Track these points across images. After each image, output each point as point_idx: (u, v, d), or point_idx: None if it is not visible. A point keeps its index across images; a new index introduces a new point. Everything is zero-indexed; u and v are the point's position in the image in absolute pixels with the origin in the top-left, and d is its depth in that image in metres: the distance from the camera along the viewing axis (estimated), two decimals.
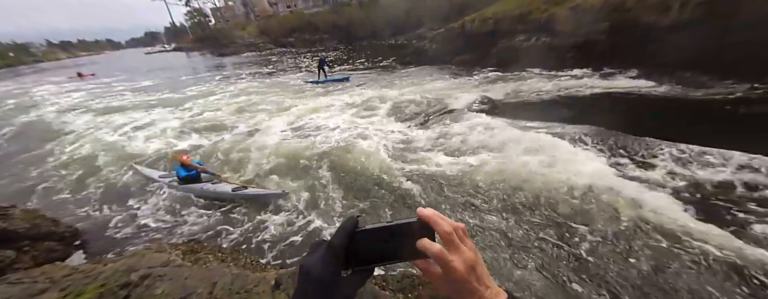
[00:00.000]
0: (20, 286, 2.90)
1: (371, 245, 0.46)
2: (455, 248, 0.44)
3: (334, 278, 0.44)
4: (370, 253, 0.47)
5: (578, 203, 4.16)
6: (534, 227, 3.93)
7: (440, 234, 0.45)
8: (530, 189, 4.56)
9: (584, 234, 3.72)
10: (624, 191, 4.21)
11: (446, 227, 0.44)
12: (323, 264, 0.44)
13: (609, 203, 4.08)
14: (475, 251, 0.46)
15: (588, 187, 4.40)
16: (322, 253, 0.45)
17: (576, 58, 10.86)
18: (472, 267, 0.44)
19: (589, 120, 6.43)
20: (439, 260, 0.44)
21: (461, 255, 0.44)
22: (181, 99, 14.01)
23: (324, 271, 0.44)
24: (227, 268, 3.26)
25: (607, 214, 3.93)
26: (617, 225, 3.74)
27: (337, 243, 0.45)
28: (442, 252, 0.43)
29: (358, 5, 39.69)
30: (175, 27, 71.41)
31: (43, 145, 9.19)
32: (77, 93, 19.34)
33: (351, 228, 0.46)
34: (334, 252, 0.44)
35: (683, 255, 3.28)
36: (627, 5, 9.81)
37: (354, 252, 0.46)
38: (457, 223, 0.46)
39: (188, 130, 9.13)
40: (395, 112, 8.92)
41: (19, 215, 4.18)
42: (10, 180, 6.97)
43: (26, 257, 3.83)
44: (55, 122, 11.97)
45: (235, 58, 33.19)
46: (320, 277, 0.43)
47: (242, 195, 4.98)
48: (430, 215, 0.45)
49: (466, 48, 14.34)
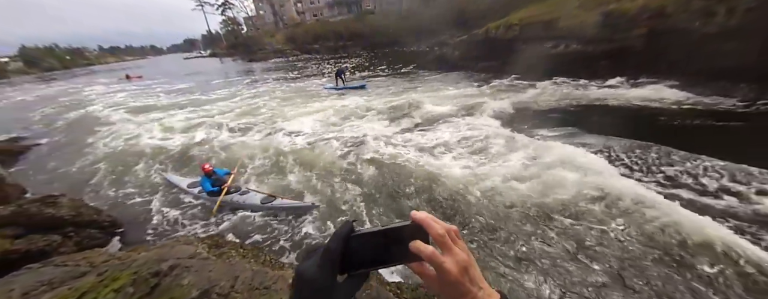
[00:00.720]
0: (64, 268, 3.15)
1: (366, 249, 0.47)
2: (448, 250, 0.45)
3: (330, 282, 0.44)
4: (366, 257, 0.47)
5: (615, 225, 3.88)
6: (554, 242, 3.74)
7: (433, 236, 0.45)
8: (557, 203, 4.35)
9: (614, 253, 3.48)
10: (662, 209, 3.91)
11: (439, 229, 0.45)
12: (319, 268, 0.44)
13: (647, 224, 3.79)
14: (468, 253, 0.46)
15: (621, 203, 4.13)
16: (318, 257, 0.45)
17: (609, 67, 10.35)
18: (465, 269, 0.44)
19: (621, 132, 6.10)
20: (432, 262, 0.44)
21: (454, 257, 0.44)
22: (209, 100, 14.88)
23: (320, 275, 0.44)
24: (248, 264, 3.36)
25: (643, 235, 3.66)
26: (656, 251, 3.48)
27: (333, 247, 0.45)
28: (434, 254, 0.44)
29: (382, 13, 40.42)
30: (211, 34, 76.18)
31: (89, 138, 10.05)
32: (121, 93, 21.04)
33: (346, 233, 0.46)
34: (329, 256, 0.45)
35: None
36: (667, 11, 9.27)
37: (349, 256, 0.46)
38: (449, 225, 0.47)
39: (216, 130, 9.61)
40: (412, 119, 8.88)
41: (67, 204, 4.57)
42: (60, 170, 7.65)
43: (70, 242, 4.17)
44: (100, 118, 13.07)
45: (263, 63, 34.72)
46: (316, 281, 0.44)
47: (272, 207, 4.88)
48: (423, 218, 0.46)
49: (490, 55, 14.12)
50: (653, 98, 8.14)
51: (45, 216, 4.24)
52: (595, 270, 3.31)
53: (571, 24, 11.60)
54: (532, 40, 12.73)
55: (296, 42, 43.03)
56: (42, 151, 9.59)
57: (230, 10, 56.56)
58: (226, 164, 6.68)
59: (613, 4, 10.80)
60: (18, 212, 4.22)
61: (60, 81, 38.82)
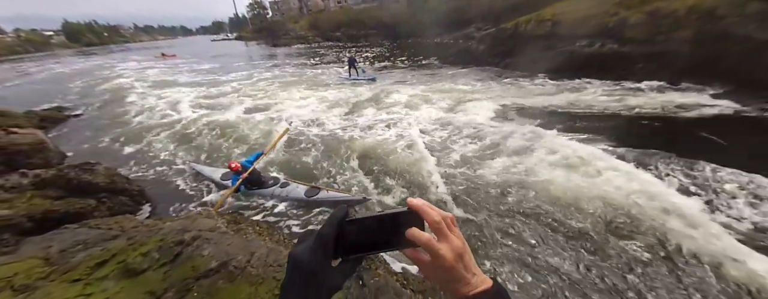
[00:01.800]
0: (98, 231, 3.40)
1: (361, 234, 0.47)
2: (444, 236, 0.45)
3: (323, 266, 0.44)
4: (360, 242, 0.47)
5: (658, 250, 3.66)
6: (579, 250, 3.63)
7: (429, 223, 0.46)
8: (586, 215, 4.17)
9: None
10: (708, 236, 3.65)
11: (435, 216, 0.45)
12: (312, 252, 0.44)
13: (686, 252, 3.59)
14: (462, 239, 0.46)
15: (667, 224, 3.85)
16: (311, 241, 0.45)
17: (647, 70, 9.71)
18: (459, 255, 0.45)
19: (661, 142, 5.67)
20: (427, 248, 0.45)
21: (449, 244, 0.45)
22: (233, 80, 15.30)
23: (312, 259, 0.44)
24: (263, 241, 3.50)
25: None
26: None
27: (327, 232, 0.45)
28: (430, 241, 0.44)
29: (407, 2, 39.51)
30: (238, 18, 77.71)
31: (123, 111, 10.66)
32: (153, 70, 22.03)
33: (341, 217, 0.46)
34: (322, 240, 0.45)
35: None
36: (718, 12, 8.52)
37: (344, 241, 0.46)
38: (445, 213, 0.47)
39: (241, 111, 9.89)
40: (430, 115, 8.76)
41: (102, 172, 4.90)
42: (97, 139, 8.17)
43: (103, 207, 4.49)
44: (134, 92, 13.77)
45: (286, 49, 35.11)
46: (308, 265, 0.44)
47: (317, 200, 4.62)
48: (419, 205, 0.46)
49: (517, 51, 13.56)
50: (696, 105, 7.53)
51: (82, 181, 4.57)
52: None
53: (609, 22, 10.90)
54: (565, 38, 12.10)
55: (319, 29, 43.11)
56: (82, 120, 10.27)
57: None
58: (253, 148, 6.88)
59: (659, 2, 10.03)
60: (59, 175, 4.57)
61: (99, 56, 41.15)
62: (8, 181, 4.53)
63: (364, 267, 3.09)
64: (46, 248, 2.96)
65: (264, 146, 6.49)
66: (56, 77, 22.13)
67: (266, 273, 2.73)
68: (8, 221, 3.79)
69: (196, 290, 2.45)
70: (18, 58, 47.72)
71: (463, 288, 0.45)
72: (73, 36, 78.73)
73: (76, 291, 2.37)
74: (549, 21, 12.97)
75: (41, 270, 2.57)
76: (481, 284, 0.45)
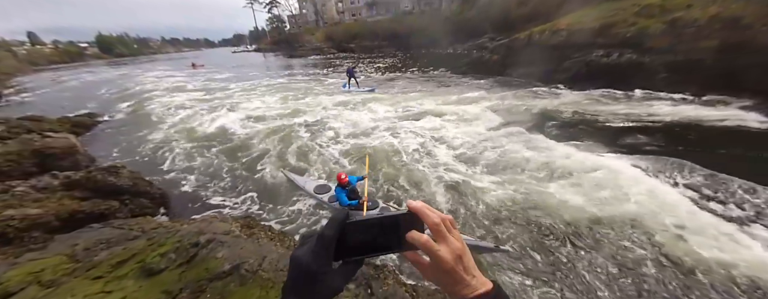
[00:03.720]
0: (120, 230, 3.54)
1: (362, 237, 0.47)
2: (443, 238, 0.45)
3: (324, 268, 0.44)
4: (361, 245, 0.47)
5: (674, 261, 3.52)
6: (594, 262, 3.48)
7: (429, 224, 0.46)
8: (600, 230, 4.04)
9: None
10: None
11: (435, 218, 0.45)
12: (313, 254, 0.44)
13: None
14: (462, 242, 0.46)
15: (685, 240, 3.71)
16: (312, 243, 0.46)
17: (670, 81, 9.40)
18: (459, 257, 0.45)
19: (691, 156, 5.42)
20: (426, 250, 0.45)
21: (449, 245, 0.45)
22: (254, 88, 15.79)
23: (314, 261, 0.44)
24: (275, 247, 3.54)
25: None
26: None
27: (328, 234, 0.45)
28: (429, 242, 0.44)
29: (420, 14, 40.16)
30: (257, 31, 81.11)
31: (149, 117, 11.18)
32: (177, 78, 23.06)
33: (342, 219, 0.46)
34: (324, 242, 0.45)
35: None
36: (744, 22, 8.21)
37: (345, 243, 0.46)
38: (445, 215, 0.47)
39: (254, 119, 10.18)
40: (443, 126, 8.74)
41: (126, 174, 5.13)
42: (123, 143, 8.60)
43: (126, 208, 4.68)
44: (160, 99, 14.45)
45: (302, 60, 36.15)
46: (310, 267, 0.44)
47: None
48: (419, 208, 0.46)
49: (531, 61, 13.44)
50: (724, 119, 7.16)
51: (108, 183, 4.80)
52: None
53: (628, 31, 10.70)
54: (580, 48, 11.93)
55: (334, 40, 44.27)
56: (110, 125, 10.86)
57: (276, 8, 59.84)
58: (298, 157, 6.75)
59: (680, 11, 9.79)
60: (87, 177, 4.82)
61: (128, 66, 43.71)
62: (40, 182, 4.82)
63: (374, 276, 3.07)
64: (73, 246, 3.10)
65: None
66: (87, 85, 23.65)
67: (277, 277, 2.75)
68: (38, 219, 4.00)
69: (209, 291, 2.49)
70: (56, 67, 51.28)
71: (463, 290, 0.45)
72: (106, 47, 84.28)
73: (97, 288, 2.46)
74: (564, 31, 12.86)
75: (66, 267, 2.70)
76: (482, 286, 0.45)
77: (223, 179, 6.16)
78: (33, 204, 4.25)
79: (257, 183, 5.88)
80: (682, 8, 9.85)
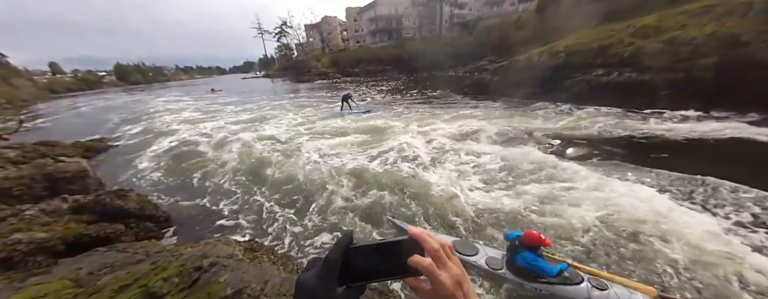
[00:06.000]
0: (124, 254, 3.51)
1: (364, 262, 0.48)
2: (443, 264, 0.46)
3: (328, 292, 0.45)
4: (363, 270, 0.48)
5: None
6: None
7: (429, 250, 0.47)
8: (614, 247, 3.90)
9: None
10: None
11: (434, 244, 0.47)
12: (319, 278, 0.46)
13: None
14: (461, 267, 0.47)
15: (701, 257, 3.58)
16: (318, 268, 0.47)
17: (672, 98, 9.45)
18: (459, 283, 0.45)
19: (695, 168, 5.38)
20: (428, 273, 0.45)
21: (449, 271, 0.46)
22: (260, 114, 16.21)
23: (319, 285, 0.45)
24: (277, 270, 3.46)
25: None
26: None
27: (333, 258, 0.47)
28: (431, 266, 0.46)
29: (421, 39, 41.91)
30: (267, 58, 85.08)
31: (158, 141, 11.43)
32: (184, 103, 23.88)
33: (346, 244, 0.48)
34: (329, 266, 0.46)
35: None
36: (742, 39, 8.39)
37: (348, 268, 0.47)
38: (444, 241, 0.48)
39: (262, 142, 10.35)
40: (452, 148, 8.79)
41: (134, 198, 5.17)
42: (132, 168, 8.73)
43: (131, 232, 4.66)
44: (170, 124, 14.87)
45: (309, 84, 37.44)
46: (315, 291, 0.45)
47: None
48: (419, 234, 0.47)
49: (531, 81, 13.71)
50: (730, 134, 7.12)
51: (115, 207, 4.83)
52: None
53: (625, 51, 10.95)
54: (580, 67, 12.19)
55: (339, 65, 46.05)
56: (121, 149, 11.10)
57: (285, 37, 63.16)
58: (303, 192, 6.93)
59: (675, 31, 10.07)
60: (95, 201, 4.87)
61: (142, 92, 45.64)
62: (50, 205, 4.88)
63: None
64: (77, 270, 3.08)
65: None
66: (102, 110, 24.63)
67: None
68: (44, 243, 4.00)
69: None
70: (73, 95, 53.77)
71: None
72: (122, 75, 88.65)
73: None
74: (562, 52, 13.21)
75: (69, 292, 2.66)
76: None
77: (228, 202, 6.15)
78: (41, 228, 4.27)
79: (258, 207, 5.84)
80: (677, 28, 10.14)
